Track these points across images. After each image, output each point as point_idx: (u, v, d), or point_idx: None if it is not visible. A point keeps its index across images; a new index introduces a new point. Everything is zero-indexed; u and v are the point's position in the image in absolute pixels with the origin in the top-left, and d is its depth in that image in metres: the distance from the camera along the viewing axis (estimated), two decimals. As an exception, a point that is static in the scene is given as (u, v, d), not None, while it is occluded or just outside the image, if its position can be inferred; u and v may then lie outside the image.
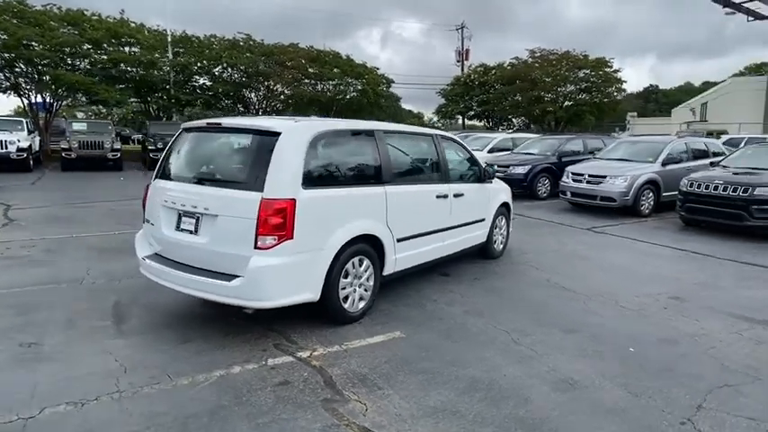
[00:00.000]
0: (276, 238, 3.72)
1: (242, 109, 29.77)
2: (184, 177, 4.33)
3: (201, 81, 27.60)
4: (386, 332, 4.27)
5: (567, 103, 32.54)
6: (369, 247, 4.47)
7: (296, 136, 3.96)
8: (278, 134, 3.90)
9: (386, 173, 4.73)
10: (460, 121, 41.85)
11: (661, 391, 3.38)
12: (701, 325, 4.61)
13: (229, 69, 27.06)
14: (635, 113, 51.58)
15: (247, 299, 3.78)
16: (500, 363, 3.74)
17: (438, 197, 5.39)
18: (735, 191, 8.29)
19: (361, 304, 4.49)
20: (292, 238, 3.78)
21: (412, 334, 4.26)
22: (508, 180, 9.66)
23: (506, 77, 33.63)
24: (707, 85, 77.94)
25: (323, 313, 4.28)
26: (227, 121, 4.31)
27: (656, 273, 6.38)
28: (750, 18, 29.92)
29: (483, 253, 6.68)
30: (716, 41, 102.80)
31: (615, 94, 31.94)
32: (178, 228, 4.16)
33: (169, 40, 25.61)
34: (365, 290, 4.52)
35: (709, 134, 21.77)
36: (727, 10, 29.76)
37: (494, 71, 36.02)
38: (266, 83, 28.42)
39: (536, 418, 3.01)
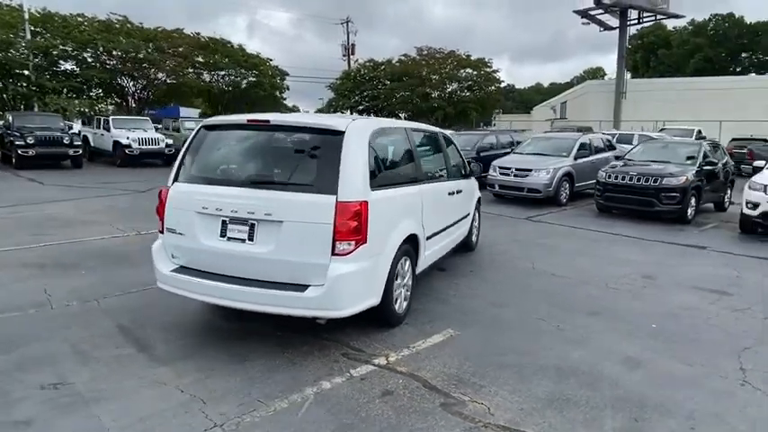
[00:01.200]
0: (353, 243, 3.55)
1: (117, 99, 26.85)
2: (228, 181, 3.91)
3: (69, 66, 24.29)
4: (438, 331, 4.29)
5: (452, 99, 34.50)
6: (410, 246, 4.44)
7: (359, 134, 3.79)
8: (341, 133, 3.71)
9: (419, 171, 4.73)
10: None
11: (706, 358, 3.89)
12: (683, 299, 5.34)
13: (104, 55, 24.16)
14: (500, 110, 56.25)
15: (324, 309, 3.57)
16: (563, 349, 4.00)
17: (449, 194, 5.51)
18: (647, 181, 9.61)
19: (404, 304, 4.46)
20: (366, 242, 3.64)
21: (463, 330, 4.33)
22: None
23: (397, 73, 34.62)
24: (554, 86, 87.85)
25: (377, 317, 4.16)
26: (276, 119, 3.95)
27: (612, 255, 7.19)
28: (601, 29, 34.37)
29: (463, 246, 6.93)
30: (559, 46, 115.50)
31: (494, 92, 34.60)
32: (223, 236, 3.75)
33: (26, 17, 22.12)
34: (407, 290, 4.49)
35: (578, 130, 24.70)
36: (584, 20, 33.87)
37: (383, 67, 36.85)
38: (147, 71, 25.92)
39: (637, 395, 3.31)
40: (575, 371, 3.63)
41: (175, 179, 4.07)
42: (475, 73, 33.77)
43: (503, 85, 36.96)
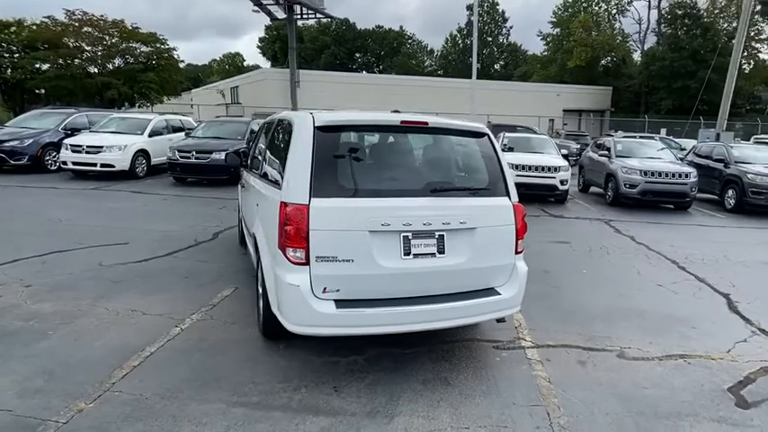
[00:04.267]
0: (523, 241, 3.78)
1: None
2: (402, 191, 3.37)
3: None
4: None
5: (120, 74, 30.06)
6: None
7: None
8: (485, 134, 3.78)
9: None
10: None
11: (645, 285, 5.79)
12: (557, 251, 7.34)
13: None
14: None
15: (513, 307, 3.71)
16: (588, 299, 5.23)
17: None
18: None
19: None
20: (521, 239, 3.91)
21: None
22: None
23: (42, 40, 27.69)
24: (191, 68, 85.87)
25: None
26: (433, 121, 3.53)
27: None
28: (271, 19, 36.18)
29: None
30: (185, 26, 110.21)
31: (174, 72, 32.03)
32: (407, 254, 3.29)
33: None
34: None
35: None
36: (255, 8, 34.92)
37: (13, 29, 28.74)
38: None
39: (677, 316, 4.82)
40: (626, 311, 4.89)
41: (320, 193, 3.18)
42: (149, 49, 30.34)
43: (181, 65, 34.43)
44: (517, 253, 3.69)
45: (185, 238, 7.07)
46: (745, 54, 41.84)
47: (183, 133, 14.82)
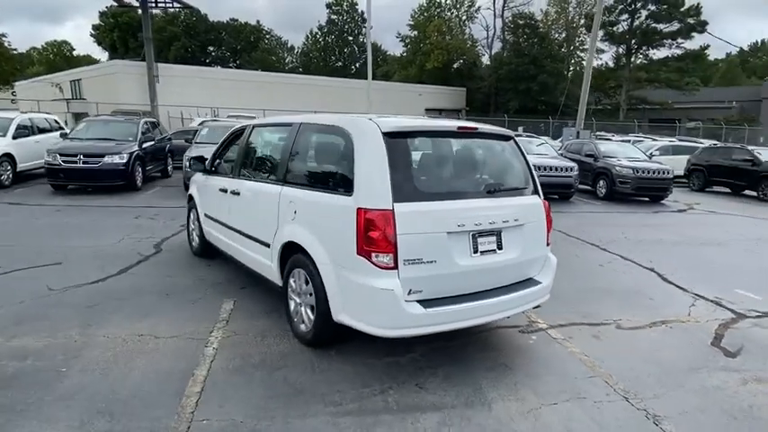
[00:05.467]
0: (550, 233, 4.22)
1: None
2: (466, 193, 3.61)
3: None
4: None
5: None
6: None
7: (515, 139, 4.28)
8: (511, 138, 4.15)
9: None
10: None
11: (608, 263, 6.72)
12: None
13: None
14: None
15: (547, 294, 4.10)
16: (563, 281, 5.89)
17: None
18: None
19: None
20: (543, 231, 4.34)
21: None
22: None
23: None
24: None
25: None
26: (480, 126, 3.74)
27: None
28: (119, 5, 32.58)
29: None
30: None
31: (3, 61, 27.19)
32: (475, 252, 3.51)
33: None
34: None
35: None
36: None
37: None
38: None
39: (640, 287, 5.72)
40: (592, 290, 5.65)
41: (403, 197, 3.24)
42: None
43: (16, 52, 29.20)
44: (547, 245, 4.13)
45: (126, 254, 6.32)
46: (573, 61, 48.90)
47: (55, 134, 12.94)
